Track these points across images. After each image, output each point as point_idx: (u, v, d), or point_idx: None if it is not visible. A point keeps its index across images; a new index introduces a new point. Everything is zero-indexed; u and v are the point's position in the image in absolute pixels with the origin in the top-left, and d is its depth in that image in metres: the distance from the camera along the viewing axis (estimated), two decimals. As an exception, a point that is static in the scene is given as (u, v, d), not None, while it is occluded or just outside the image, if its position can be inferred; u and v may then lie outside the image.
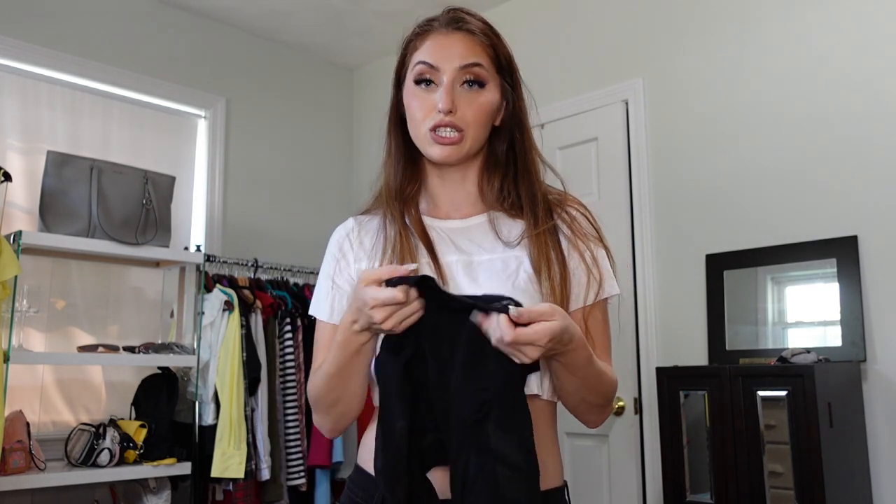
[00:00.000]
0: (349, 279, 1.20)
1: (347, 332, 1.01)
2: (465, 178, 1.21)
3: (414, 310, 0.95)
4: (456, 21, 1.15)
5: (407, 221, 1.19)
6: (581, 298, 1.14)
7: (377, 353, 1.02)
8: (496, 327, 0.91)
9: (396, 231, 1.16)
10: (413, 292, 0.94)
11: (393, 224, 1.18)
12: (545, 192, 1.20)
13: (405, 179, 1.21)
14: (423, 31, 1.17)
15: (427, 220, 1.20)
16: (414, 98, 1.15)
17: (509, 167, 1.20)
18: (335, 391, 1.08)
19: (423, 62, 1.14)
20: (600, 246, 1.19)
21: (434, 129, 1.12)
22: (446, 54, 1.13)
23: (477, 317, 0.94)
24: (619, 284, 1.20)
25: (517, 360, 0.93)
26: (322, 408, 1.13)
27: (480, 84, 1.13)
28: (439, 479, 1.01)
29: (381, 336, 1.01)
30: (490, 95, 1.15)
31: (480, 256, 1.14)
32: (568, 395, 1.09)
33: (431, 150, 1.14)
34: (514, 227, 1.17)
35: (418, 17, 1.23)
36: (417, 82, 1.14)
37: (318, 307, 1.21)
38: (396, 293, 0.92)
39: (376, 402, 1.10)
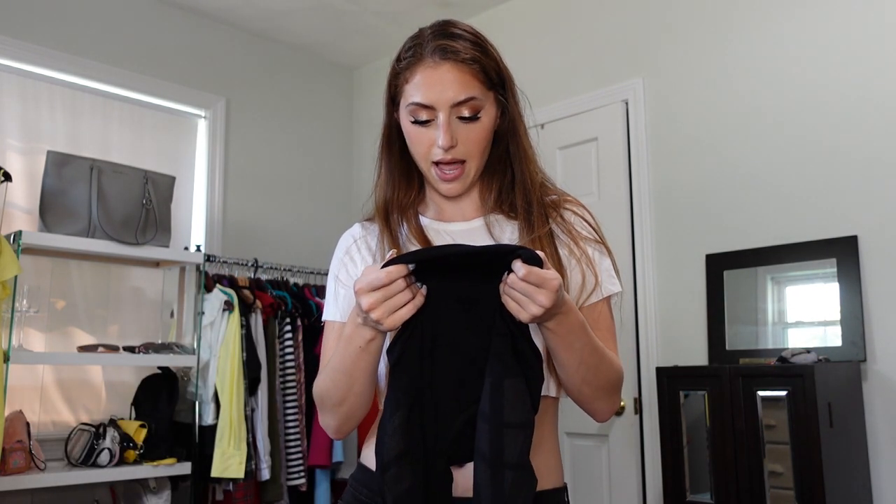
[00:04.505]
0: (355, 276, 1.21)
1: (351, 326, 1.01)
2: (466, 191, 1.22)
3: (404, 300, 0.93)
4: (443, 51, 1.11)
5: (405, 231, 1.20)
6: (579, 300, 1.15)
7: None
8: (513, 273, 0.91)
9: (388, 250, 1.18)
10: (397, 276, 0.92)
11: (387, 242, 1.19)
12: (542, 196, 1.21)
13: (401, 192, 1.23)
14: (410, 62, 1.14)
15: (434, 224, 1.22)
16: (413, 134, 1.15)
17: (506, 173, 1.21)
18: (340, 389, 1.08)
19: (417, 103, 1.12)
20: (598, 246, 1.19)
21: (437, 163, 1.14)
22: (438, 91, 1.11)
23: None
24: (620, 283, 1.20)
25: (522, 315, 0.93)
26: (328, 406, 1.12)
27: (475, 116, 1.13)
28: (460, 476, 1.02)
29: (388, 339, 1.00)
30: (486, 120, 1.15)
31: None
32: (570, 377, 1.07)
33: (439, 187, 1.17)
34: (514, 230, 1.18)
35: (418, 17, 1.22)
36: (414, 122, 1.14)
37: (327, 309, 1.23)
38: (379, 274, 0.92)
39: (381, 406, 1.11)
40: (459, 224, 1.22)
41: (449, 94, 1.11)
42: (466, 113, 1.12)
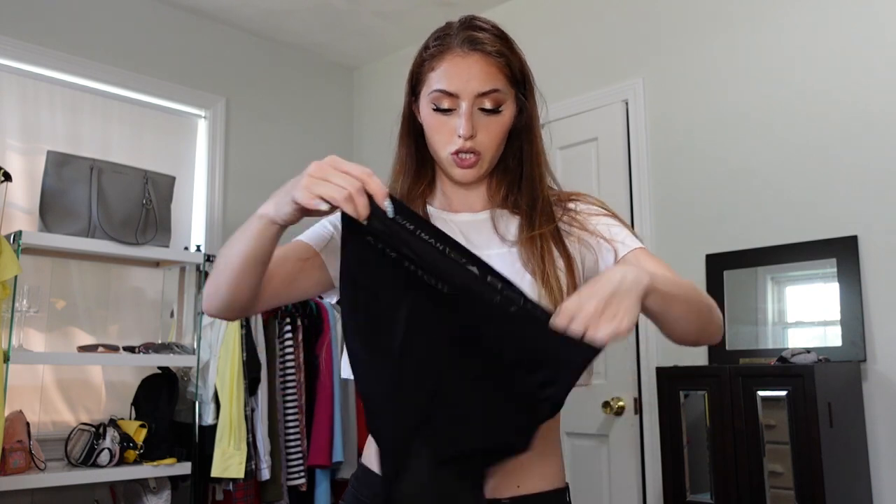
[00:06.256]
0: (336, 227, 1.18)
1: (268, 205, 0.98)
2: (477, 182, 1.22)
3: (346, 186, 0.90)
4: (472, 42, 1.14)
5: None
6: (604, 266, 1.13)
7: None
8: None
9: None
10: (371, 187, 0.90)
11: None
12: (547, 196, 1.21)
13: (413, 183, 1.23)
14: (439, 50, 1.15)
15: (441, 214, 1.23)
16: (433, 122, 1.16)
17: (517, 171, 1.22)
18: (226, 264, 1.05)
19: (441, 90, 1.13)
20: (608, 218, 1.19)
21: (455, 153, 1.14)
22: (464, 80, 1.12)
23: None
24: (641, 242, 1.19)
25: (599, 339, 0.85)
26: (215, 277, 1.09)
27: (497, 109, 1.14)
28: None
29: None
30: (507, 115, 1.16)
31: (489, 251, 1.16)
32: (686, 322, 1.04)
33: (453, 172, 1.17)
34: (517, 225, 1.19)
35: (418, 17, 1.23)
36: (436, 109, 1.14)
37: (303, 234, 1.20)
38: (354, 166, 0.91)
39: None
40: (466, 215, 1.22)
41: (474, 84, 1.12)
42: (488, 104, 1.13)
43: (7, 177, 2.70)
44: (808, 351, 2.29)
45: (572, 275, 1.13)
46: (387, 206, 0.91)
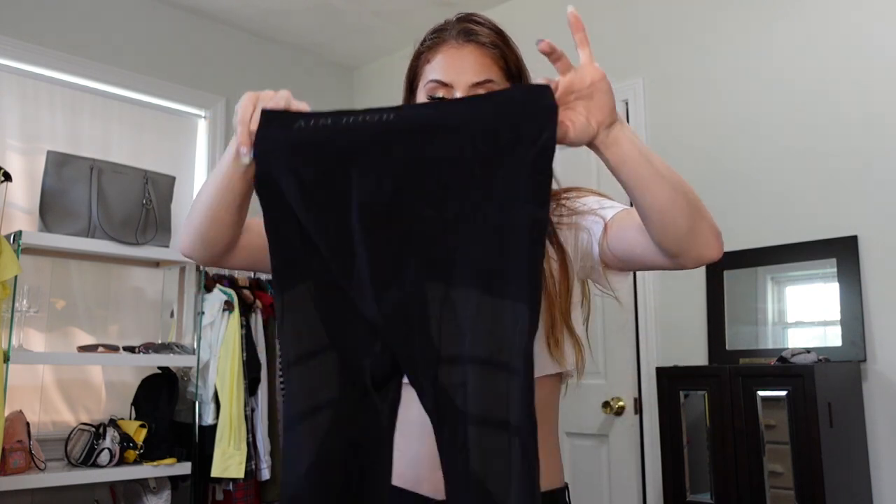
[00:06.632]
0: None
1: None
2: None
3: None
4: (467, 33, 1.15)
5: None
6: (602, 243, 1.11)
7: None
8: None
9: None
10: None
11: None
12: None
13: None
14: (435, 42, 1.17)
15: None
16: None
17: None
18: (202, 208, 1.08)
19: (436, 80, 1.14)
20: (596, 195, 1.18)
21: None
22: (458, 70, 1.13)
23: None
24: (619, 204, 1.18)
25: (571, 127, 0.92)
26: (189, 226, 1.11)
27: None
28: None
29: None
30: None
31: None
32: (669, 201, 0.98)
33: None
34: None
35: (418, 17, 1.24)
36: (431, 98, 1.15)
37: None
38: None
39: None
40: None
41: (468, 74, 1.13)
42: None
43: (7, 177, 2.70)
44: (808, 351, 2.29)
45: (565, 269, 1.13)
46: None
